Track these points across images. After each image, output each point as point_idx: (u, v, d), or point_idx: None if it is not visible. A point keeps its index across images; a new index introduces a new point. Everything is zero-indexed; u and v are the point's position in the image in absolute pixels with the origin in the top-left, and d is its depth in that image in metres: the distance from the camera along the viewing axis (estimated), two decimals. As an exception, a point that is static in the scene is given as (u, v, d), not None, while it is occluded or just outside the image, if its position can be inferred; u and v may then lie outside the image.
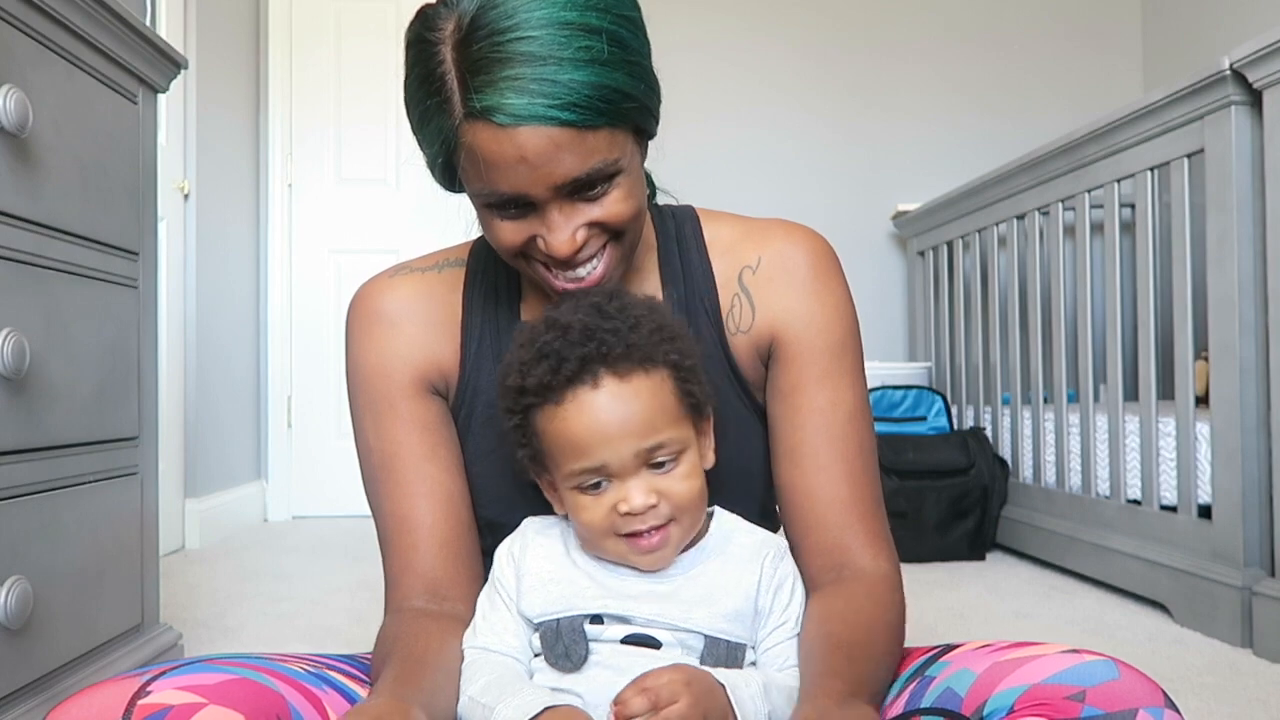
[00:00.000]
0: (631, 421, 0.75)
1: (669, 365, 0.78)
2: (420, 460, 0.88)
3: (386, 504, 0.89)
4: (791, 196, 3.71)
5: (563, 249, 0.77)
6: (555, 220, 0.77)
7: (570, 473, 0.77)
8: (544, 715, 0.69)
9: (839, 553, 0.85)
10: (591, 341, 0.76)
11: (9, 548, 1.22)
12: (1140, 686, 0.67)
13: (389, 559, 0.89)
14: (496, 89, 0.72)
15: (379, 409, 0.89)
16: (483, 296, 0.92)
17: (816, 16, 3.84)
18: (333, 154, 3.79)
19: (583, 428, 0.75)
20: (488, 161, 0.74)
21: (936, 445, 2.86)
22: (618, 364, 0.76)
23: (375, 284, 0.94)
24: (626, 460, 0.75)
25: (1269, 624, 1.80)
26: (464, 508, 0.89)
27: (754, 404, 0.91)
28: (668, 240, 0.92)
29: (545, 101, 0.71)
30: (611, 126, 0.75)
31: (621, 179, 0.78)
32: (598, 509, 0.76)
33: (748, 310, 0.89)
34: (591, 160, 0.74)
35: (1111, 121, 2.28)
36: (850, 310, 0.91)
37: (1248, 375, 1.91)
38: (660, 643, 0.76)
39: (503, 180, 0.75)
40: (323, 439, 3.74)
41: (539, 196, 0.76)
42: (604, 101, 0.73)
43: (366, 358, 0.90)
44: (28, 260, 1.26)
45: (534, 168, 0.74)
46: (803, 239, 0.91)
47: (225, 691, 0.67)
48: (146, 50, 1.57)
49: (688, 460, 0.78)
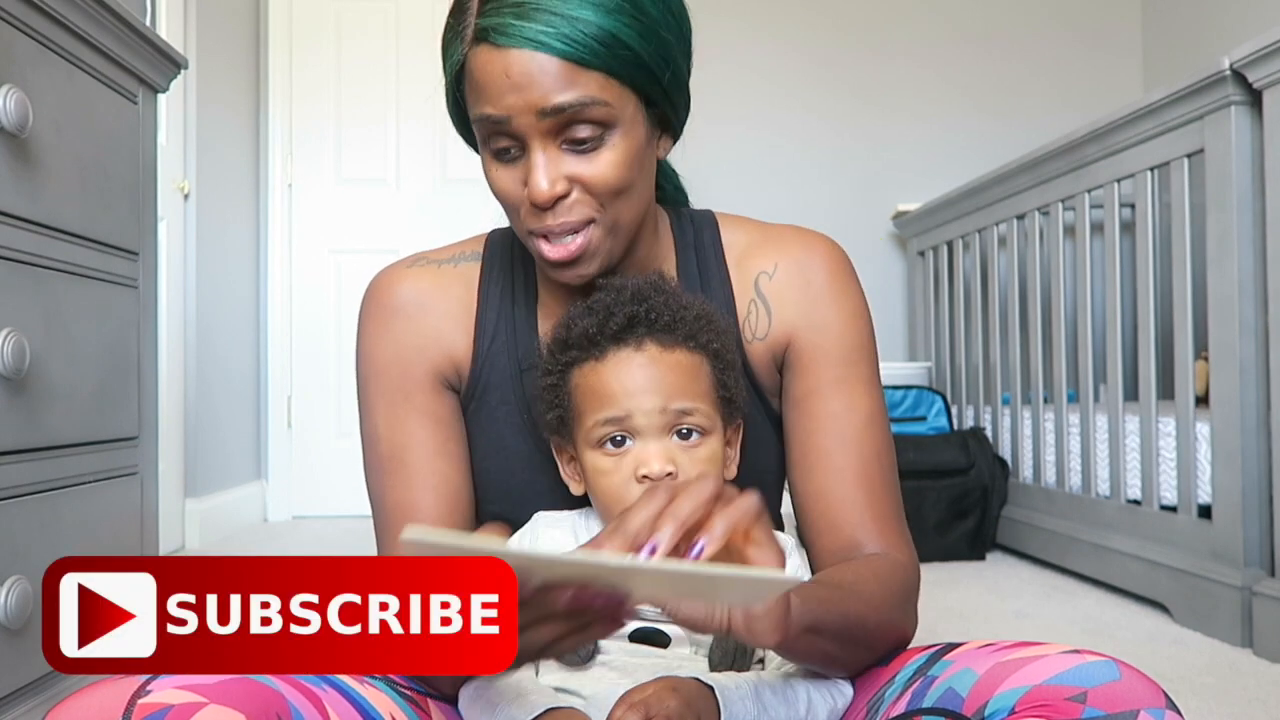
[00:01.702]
0: (665, 382, 0.77)
1: (710, 353, 0.79)
2: (431, 455, 0.88)
3: (391, 494, 0.88)
4: (792, 197, 3.71)
5: (541, 193, 0.77)
6: (538, 160, 0.77)
7: (595, 424, 0.77)
8: (544, 717, 0.69)
9: (852, 549, 0.84)
10: (642, 304, 0.78)
11: (9, 548, 1.22)
12: (1141, 687, 0.66)
13: (387, 549, 0.88)
14: (500, 13, 0.75)
15: (393, 400, 0.88)
16: (499, 293, 0.92)
17: (817, 17, 3.84)
18: (333, 154, 3.79)
19: (617, 380, 0.77)
20: (479, 83, 0.76)
21: (936, 445, 2.86)
22: (663, 333, 0.78)
23: (392, 274, 0.93)
24: (653, 417, 0.76)
25: (1269, 624, 1.80)
26: (468, 505, 0.89)
27: (769, 411, 0.91)
28: (686, 248, 0.92)
29: (541, 28, 0.74)
30: (606, 72, 0.76)
31: (615, 139, 0.78)
32: (617, 473, 0.77)
33: (764, 317, 0.89)
34: (575, 92, 0.75)
35: (1111, 121, 2.28)
36: (865, 317, 0.90)
37: (1248, 375, 1.91)
38: (669, 638, 0.76)
39: (489, 102, 0.76)
40: (323, 439, 3.74)
41: (522, 124, 0.76)
42: (600, 44, 0.75)
43: (382, 348, 0.90)
44: (28, 260, 1.26)
45: (516, 89, 0.75)
46: (819, 246, 0.91)
47: (225, 691, 0.67)
48: (146, 50, 1.57)
49: (711, 445, 0.78)
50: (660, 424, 0.76)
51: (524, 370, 0.89)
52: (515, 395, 0.89)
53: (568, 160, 0.78)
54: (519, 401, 0.89)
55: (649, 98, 0.80)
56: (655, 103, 0.81)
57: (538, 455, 0.89)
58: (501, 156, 0.79)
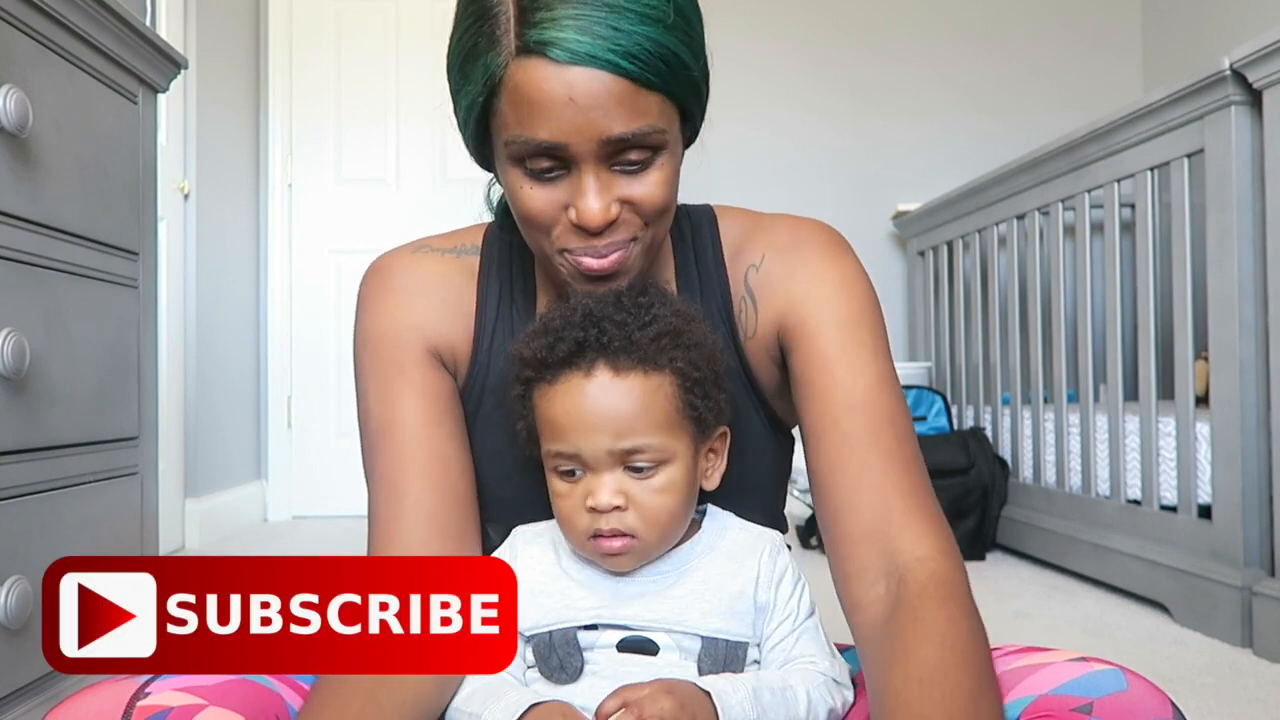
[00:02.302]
0: (614, 417, 0.73)
1: (674, 372, 0.75)
2: (423, 425, 0.83)
3: (379, 468, 0.83)
4: (792, 196, 3.71)
5: (594, 218, 0.72)
6: (589, 185, 0.72)
7: (549, 453, 0.76)
8: (530, 714, 0.68)
9: (880, 539, 0.74)
10: (593, 328, 0.74)
11: (9, 548, 1.22)
12: (1149, 698, 0.66)
13: (371, 528, 0.83)
14: (558, 24, 0.68)
15: (387, 374, 0.85)
16: (498, 292, 0.89)
17: (817, 17, 3.84)
18: (333, 154, 3.79)
19: (564, 413, 0.74)
20: (532, 101, 0.69)
21: (937, 445, 2.86)
22: (616, 357, 0.74)
23: (394, 257, 0.90)
24: (601, 455, 0.74)
25: (1269, 624, 1.80)
26: (461, 481, 0.84)
27: (770, 415, 0.88)
28: (684, 246, 0.89)
29: (607, 45, 0.68)
30: (666, 94, 0.72)
31: (664, 160, 0.74)
32: (570, 499, 0.76)
33: (752, 314, 0.85)
34: (640, 121, 0.70)
35: (1111, 121, 2.28)
36: (862, 284, 0.84)
37: (1248, 375, 1.91)
38: (657, 646, 0.75)
39: (544, 125, 0.70)
40: (323, 439, 3.74)
41: (579, 151, 0.71)
42: (664, 63, 0.70)
43: (378, 323, 0.86)
44: (28, 260, 1.26)
45: (581, 113, 0.69)
46: (805, 228, 0.87)
47: (225, 692, 0.67)
48: (146, 50, 1.57)
49: (669, 473, 0.75)
50: (609, 461, 0.74)
51: None
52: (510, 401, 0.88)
53: (618, 182, 0.73)
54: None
55: (689, 113, 0.77)
56: (692, 117, 0.78)
57: (531, 462, 0.86)
58: (539, 175, 0.73)
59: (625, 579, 0.77)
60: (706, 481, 0.80)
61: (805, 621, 0.79)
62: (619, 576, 0.78)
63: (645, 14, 0.69)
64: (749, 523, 0.83)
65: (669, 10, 0.70)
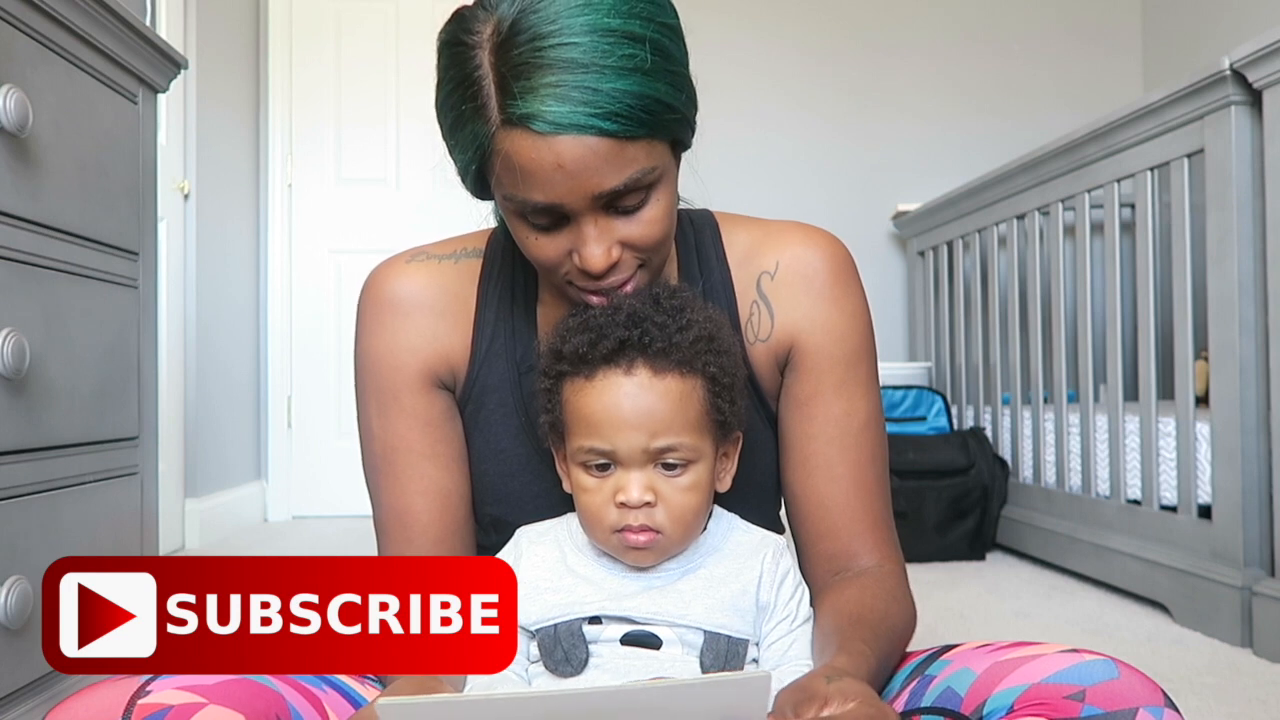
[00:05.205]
0: (652, 417, 0.76)
1: (706, 376, 0.78)
2: (419, 458, 0.88)
3: (385, 496, 0.89)
4: (792, 196, 3.71)
5: (597, 264, 0.76)
6: (589, 234, 0.76)
7: (580, 448, 0.77)
8: None
9: (846, 558, 0.86)
10: (637, 328, 0.76)
11: (9, 548, 1.22)
12: (1140, 686, 0.67)
13: (385, 550, 0.90)
14: (537, 95, 0.70)
15: (384, 399, 0.89)
16: (499, 293, 0.90)
17: (817, 16, 3.84)
18: (333, 154, 3.79)
19: (603, 409, 0.76)
20: (524, 170, 0.72)
21: (936, 445, 2.86)
22: (656, 358, 0.76)
23: (390, 268, 0.92)
24: (635, 452, 0.76)
25: (1269, 624, 1.80)
26: (461, 506, 0.90)
27: (769, 414, 0.90)
28: (688, 251, 0.91)
29: (587, 110, 0.70)
30: (651, 137, 0.74)
31: (658, 192, 0.77)
32: (598, 493, 0.77)
33: (766, 319, 0.88)
34: (629, 171, 0.73)
35: (1111, 121, 2.28)
36: (867, 317, 0.90)
37: (1248, 375, 1.91)
38: (661, 641, 0.76)
39: (538, 190, 0.73)
40: (323, 439, 3.74)
41: (575, 208, 0.74)
42: (645, 112, 0.72)
43: (375, 346, 0.89)
44: (28, 260, 1.26)
45: (571, 176, 0.72)
46: (821, 243, 0.90)
47: (225, 691, 0.68)
48: (146, 50, 1.57)
49: (696, 472, 0.78)
50: (643, 459, 0.76)
51: (523, 373, 0.89)
52: (514, 398, 0.89)
53: (617, 225, 0.76)
54: (517, 404, 0.89)
55: (680, 139, 0.79)
56: (683, 140, 0.79)
57: (535, 458, 0.89)
58: (538, 226, 0.77)
59: (630, 576, 0.79)
60: (719, 483, 0.82)
61: (802, 625, 0.80)
62: (624, 573, 0.79)
63: (622, 68, 0.71)
64: (753, 525, 0.85)
65: (646, 56, 0.72)
